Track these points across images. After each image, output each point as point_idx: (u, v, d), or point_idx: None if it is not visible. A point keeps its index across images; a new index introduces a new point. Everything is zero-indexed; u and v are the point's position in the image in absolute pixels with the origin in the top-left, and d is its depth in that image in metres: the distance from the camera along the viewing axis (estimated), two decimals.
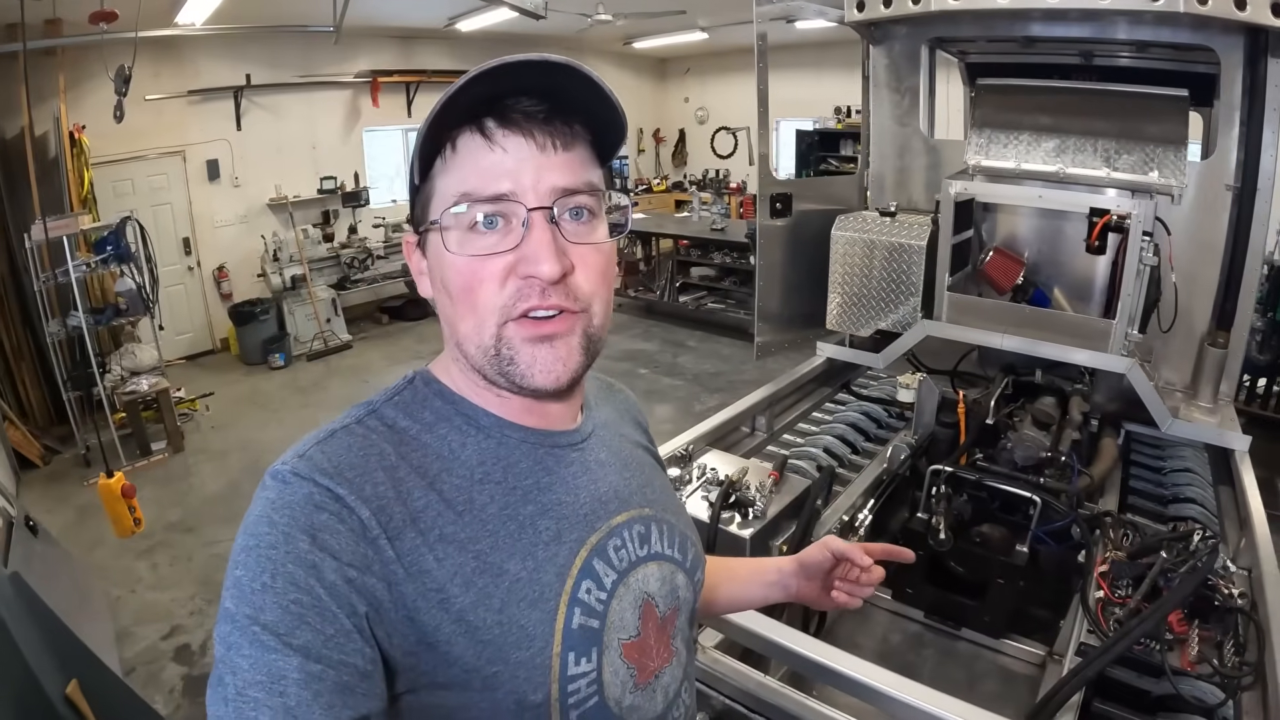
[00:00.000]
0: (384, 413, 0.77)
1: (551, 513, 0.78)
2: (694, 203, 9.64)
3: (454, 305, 0.75)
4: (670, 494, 1.00)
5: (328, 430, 0.73)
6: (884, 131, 3.07)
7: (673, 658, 0.87)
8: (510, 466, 0.78)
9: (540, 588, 0.74)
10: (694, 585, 0.93)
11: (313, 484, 0.66)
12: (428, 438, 0.76)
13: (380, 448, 0.72)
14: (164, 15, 6.06)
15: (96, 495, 4.98)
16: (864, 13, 2.59)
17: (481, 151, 0.72)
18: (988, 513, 2.16)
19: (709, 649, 1.57)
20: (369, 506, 0.67)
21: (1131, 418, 2.66)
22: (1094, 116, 2.62)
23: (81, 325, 5.33)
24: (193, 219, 7.59)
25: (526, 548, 0.75)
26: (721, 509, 1.83)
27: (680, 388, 6.64)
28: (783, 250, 2.84)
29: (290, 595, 0.60)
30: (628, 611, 0.81)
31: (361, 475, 0.68)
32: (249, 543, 0.63)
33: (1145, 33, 2.49)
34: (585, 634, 0.76)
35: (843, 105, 9.93)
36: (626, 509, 0.86)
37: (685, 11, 7.78)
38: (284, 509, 0.64)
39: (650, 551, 0.86)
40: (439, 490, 0.72)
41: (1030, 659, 2.12)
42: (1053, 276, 2.71)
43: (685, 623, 0.91)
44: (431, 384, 0.81)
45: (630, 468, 0.91)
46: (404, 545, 0.67)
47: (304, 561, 0.62)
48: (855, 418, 2.74)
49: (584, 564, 0.78)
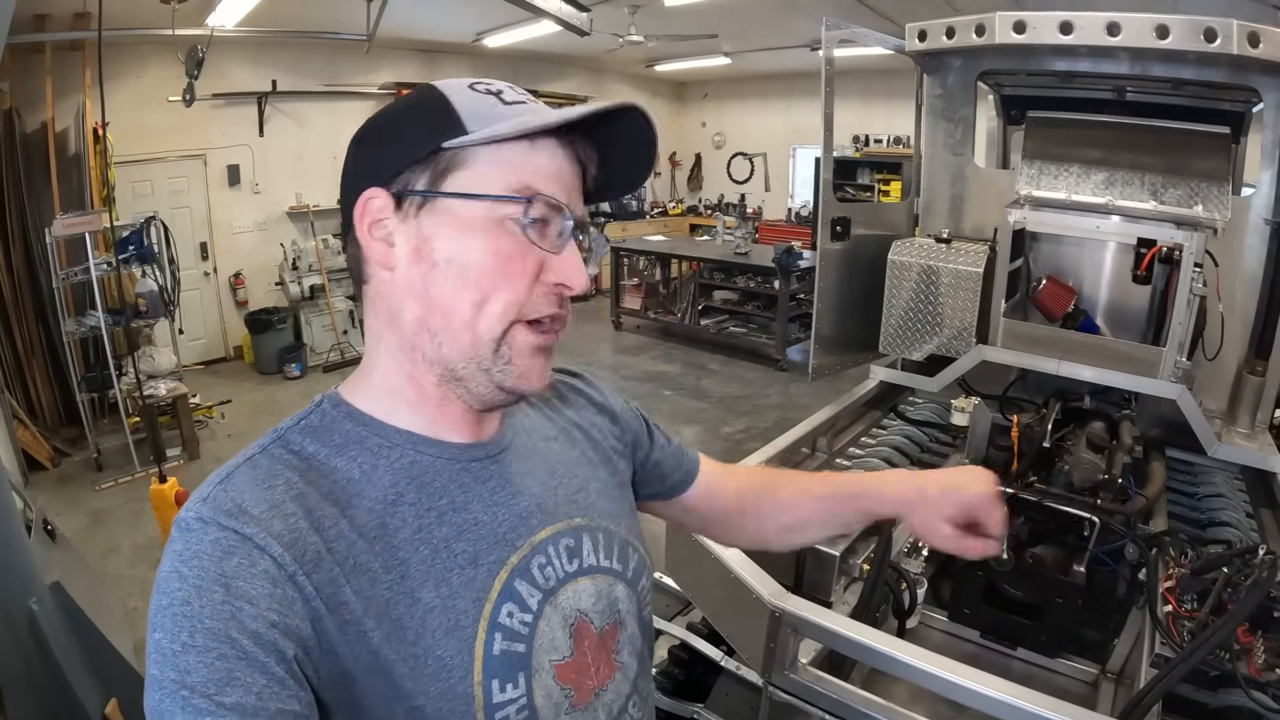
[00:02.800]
0: (290, 439, 0.73)
1: (468, 534, 0.75)
2: (718, 226, 9.70)
3: (464, 287, 0.71)
4: (615, 492, 0.95)
5: (231, 466, 0.69)
6: (936, 160, 3.14)
7: (615, 673, 0.83)
8: (424, 486, 0.75)
9: (455, 615, 0.71)
10: (638, 594, 0.89)
11: (218, 528, 0.62)
12: (337, 461, 0.72)
13: (285, 476, 0.68)
14: (194, 16, 6.07)
15: (110, 500, 5.01)
16: (925, 43, 2.67)
17: (554, 157, 0.74)
18: (1044, 534, 2.20)
19: (805, 666, 1.59)
20: (280, 543, 0.63)
21: (1171, 442, 2.72)
22: (1140, 151, 2.69)
23: (100, 325, 5.30)
24: (211, 224, 7.59)
25: (441, 573, 0.71)
26: None
27: (706, 410, 6.63)
28: (837, 274, 2.89)
29: (214, 652, 0.57)
30: (558, 632, 0.78)
31: (269, 510, 0.64)
32: (162, 601, 0.59)
33: (1187, 71, 2.57)
34: (509, 659, 0.73)
35: (860, 134, 10.09)
36: (551, 522, 0.82)
37: (717, 35, 7.89)
38: (192, 560, 0.60)
39: (581, 566, 0.82)
40: (350, 517, 0.69)
41: (1083, 677, 2.16)
42: (1093, 304, 2.78)
43: (634, 634, 0.87)
44: (340, 406, 0.77)
45: (559, 474, 0.87)
46: (321, 577, 0.64)
47: (221, 613, 0.58)
48: (900, 441, 2.78)
49: (504, 586, 0.75)
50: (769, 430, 5.47)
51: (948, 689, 1.41)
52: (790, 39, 8.20)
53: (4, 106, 5.63)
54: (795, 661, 1.57)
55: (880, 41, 2.80)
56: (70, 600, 2.25)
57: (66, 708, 2.11)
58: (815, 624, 1.49)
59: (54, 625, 2.14)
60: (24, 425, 5.37)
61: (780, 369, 7.49)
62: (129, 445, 5.41)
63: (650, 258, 9.29)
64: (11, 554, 2.09)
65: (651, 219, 12.16)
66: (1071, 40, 2.38)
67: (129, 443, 5.41)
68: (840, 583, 1.82)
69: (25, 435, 5.32)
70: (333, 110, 8.20)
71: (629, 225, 11.49)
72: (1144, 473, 2.45)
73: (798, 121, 11.22)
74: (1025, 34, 2.44)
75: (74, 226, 5.17)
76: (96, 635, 2.28)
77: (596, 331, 9.14)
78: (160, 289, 5.68)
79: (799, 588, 1.76)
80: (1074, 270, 2.81)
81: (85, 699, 2.14)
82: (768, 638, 1.53)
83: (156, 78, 6.72)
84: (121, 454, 5.49)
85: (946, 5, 5.53)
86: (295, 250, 7.72)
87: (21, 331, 5.81)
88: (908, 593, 1.85)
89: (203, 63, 5.14)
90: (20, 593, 2.10)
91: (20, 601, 2.09)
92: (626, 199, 11.76)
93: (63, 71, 5.99)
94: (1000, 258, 2.57)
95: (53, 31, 5.82)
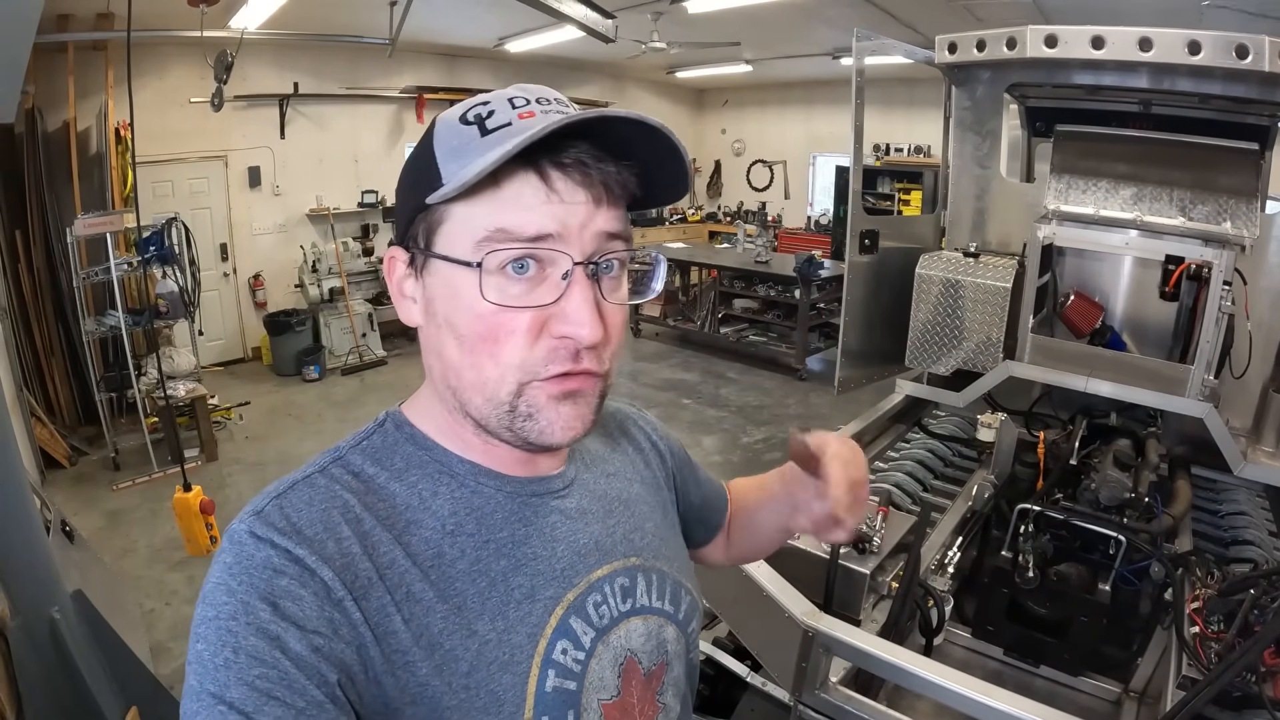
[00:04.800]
0: (350, 460, 0.72)
1: (526, 568, 0.73)
2: (738, 234, 9.64)
3: (462, 351, 0.68)
4: (668, 533, 0.94)
5: (288, 482, 0.68)
6: (963, 173, 3.13)
7: (659, 714, 0.82)
8: (484, 518, 0.73)
9: (511, 649, 0.69)
10: (687, 636, 0.87)
11: (270, 546, 0.61)
12: (396, 486, 0.71)
13: (343, 499, 0.67)
14: (218, 18, 6.10)
15: (127, 500, 5.02)
16: (955, 55, 2.66)
17: (530, 191, 0.64)
18: (1068, 552, 2.19)
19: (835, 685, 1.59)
20: (331, 567, 0.62)
21: (1195, 460, 2.70)
22: (1168, 166, 2.67)
23: (120, 325, 5.32)
24: (231, 225, 7.62)
25: (497, 607, 0.70)
26: (840, 544, 1.85)
27: (725, 419, 6.58)
28: (865, 287, 2.88)
29: (255, 670, 0.56)
30: (607, 671, 0.76)
31: (323, 532, 0.64)
32: (208, 613, 0.59)
33: (1214, 86, 2.55)
34: (560, 697, 0.71)
35: (881, 143, 10.04)
36: (609, 561, 0.80)
37: (739, 43, 7.88)
38: (241, 575, 0.60)
39: (634, 606, 0.81)
40: (405, 544, 0.68)
41: (1106, 696, 2.14)
42: (1120, 320, 2.77)
43: (679, 676, 0.86)
44: (404, 427, 0.76)
45: (616, 512, 0.85)
46: (371, 605, 0.63)
47: (266, 633, 0.57)
48: (923, 455, 2.77)
49: (560, 623, 0.73)
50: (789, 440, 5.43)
51: (974, 708, 1.40)
52: (812, 47, 8.22)
53: (26, 106, 5.67)
54: (826, 681, 1.56)
55: (909, 54, 2.79)
56: (92, 608, 2.22)
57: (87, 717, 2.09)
58: (848, 644, 1.49)
59: (75, 634, 2.12)
60: (42, 423, 5.41)
61: (800, 378, 7.45)
62: (147, 445, 5.42)
63: (670, 265, 9.22)
64: (34, 562, 2.07)
65: (671, 226, 12.17)
66: (1103, 55, 2.37)
67: (147, 443, 5.43)
68: (869, 600, 1.81)
69: (43, 433, 5.36)
70: (354, 113, 8.25)
71: (648, 232, 11.51)
72: (1170, 491, 2.44)
73: (818, 129, 11.24)
74: (1057, 48, 2.43)
75: (95, 226, 5.20)
76: (117, 643, 2.25)
77: None
78: (180, 290, 5.68)
79: (828, 605, 1.75)
80: (1100, 286, 2.80)
81: (105, 708, 2.11)
82: (799, 656, 1.53)
83: (179, 79, 6.76)
84: (139, 454, 5.51)
85: (969, 14, 5.51)
86: (315, 253, 7.74)
87: (41, 330, 5.84)
88: (935, 610, 1.84)
89: (231, 67, 5.15)
90: (42, 601, 2.09)
91: (42, 610, 2.08)
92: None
93: (85, 71, 6.03)
94: (1029, 273, 2.56)
95: (75, 31, 5.87)
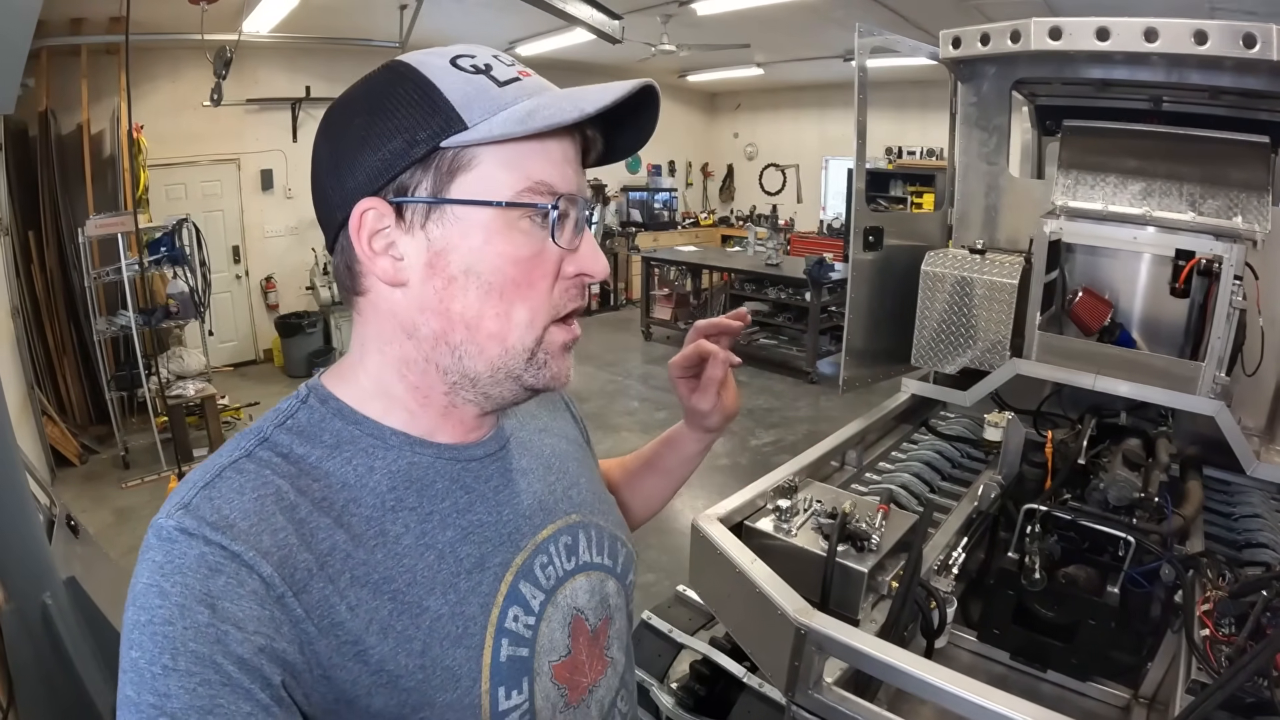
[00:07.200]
0: (277, 440, 0.68)
1: (473, 536, 0.72)
2: (749, 237, 9.64)
3: (488, 300, 0.67)
4: (598, 488, 0.93)
5: (213, 469, 0.64)
6: (970, 170, 3.09)
7: (606, 668, 0.82)
8: (425, 489, 0.71)
9: (464, 622, 0.68)
10: (625, 590, 0.88)
11: (204, 542, 0.58)
12: (330, 464, 0.67)
13: (275, 485, 0.63)
14: (229, 22, 6.14)
15: (136, 498, 5.06)
16: (959, 49, 2.62)
17: (567, 149, 0.69)
18: (1076, 553, 2.14)
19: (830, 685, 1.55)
20: (269, 561, 0.59)
21: (1207, 460, 2.65)
22: (1178, 161, 2.63)
23: (131, 325, 5.37)
24: (243, 228, 7.70)
25: (447, 579, 0.68)
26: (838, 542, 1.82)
27: (734, 422, 6.53)
28: (869, 285, 2.84)
29: (197, 677, 0.53)
30: (557, 632, 0.76)
31: (258, 524, 0.60)
32: (140, 618, 0.55)
33: (1225, 79, 2.50)
34: (514, 665, 0.71)
35: (893, 146, 10.02)
36: (552, 520, 0.80)
37: (749, 45, 7.86)
38: (174, 575, 0.56)
39: (579, 563, 0.81)
40: (346, 525, 0.65)
41: (1115, 701, 2.10)
42: (1129, 317, 2.72)
43: (622, 629, 0.87)
44: (329, 401, 0.71)
45: (555, 469, 0.85)
46: (312, 598, 0.61)
47: (206, 636, 0.54)
48: (930, 455, 2.73)
49: (509, 589, 0.72)
50: (798, 443, 5.41)
51: (976, 713, 1.36)
52: (823, 49, 8.17)
53: (40, 108, 5.74)
54: (820, 681, 1.53)
55: (913, 49, 2.75)
56: (85, 595, 2.21)
57: (78, 701, 2.10)
58: (842, 643, 1.45)
59: (67, 619, 2.12)
60: (53, 422, 5.46)
61: (811, 381, 7.43)
62: (156, 444, 5.47)
63: (681, 268, 9.30)
64: (26, 547, 2.09)
65: (683, 229, 12.18)
66: (1108, 46, 2.33)
67: (156, 442, 5.47)
68: (868, 600, 1.77)
69: (54, 432, 5.41)
70: None
71: (660, 235, 11.51)
72: (1181, 491, 2.39)
73: (831, 133, 11.21)
74: (1061, 40, 2.39)
75: (107, 227, 5.25)
76: (112, 631, 2.23)
77: (627, 341, 9.12)
78: (191, 291, 5.74)
79: (825, 604, 1.72)
80: (1110, 282, 2.74)
81: (96, 693, 2.12)
82: (792, 655, 1.49)
83: (192, 82, 6.81)
84: (149, 453, 5.56)
85: (980, 14, 5.48)
86: (326, 255, 7.68)
87: (53, 329, 5.91)
88: (937, 612, 1.80)
89: (230, 63, 5.20)
90: (34, 586, 2.09)
91: (33, 595, 2.09)
92: (658, 208, 11.79)
93: (98, 74, 6.10)
94: (1035, 269, 2.51)
95: (88, 35, 5.93)
